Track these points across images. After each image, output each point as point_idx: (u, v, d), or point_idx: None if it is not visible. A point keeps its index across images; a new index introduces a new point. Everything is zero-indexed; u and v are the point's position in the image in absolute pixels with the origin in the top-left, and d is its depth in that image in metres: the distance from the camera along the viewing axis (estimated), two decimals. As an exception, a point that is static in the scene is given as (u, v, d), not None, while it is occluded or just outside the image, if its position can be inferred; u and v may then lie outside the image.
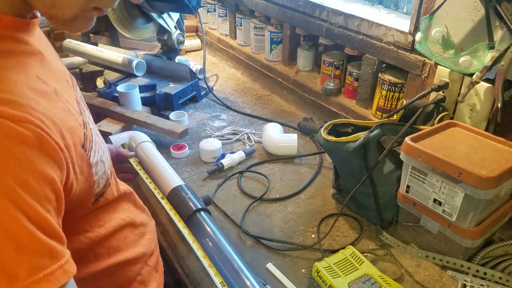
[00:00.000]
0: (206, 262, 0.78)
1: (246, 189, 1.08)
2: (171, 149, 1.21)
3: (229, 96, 1.57)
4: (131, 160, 1.08)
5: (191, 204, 0.92)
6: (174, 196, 0.96)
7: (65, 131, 0.48)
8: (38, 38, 0.54)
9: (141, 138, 1.17)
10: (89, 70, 1.54)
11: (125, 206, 0.74)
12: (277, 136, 1.23)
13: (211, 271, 0.76)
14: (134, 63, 1.45)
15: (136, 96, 1.35)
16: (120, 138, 1.19)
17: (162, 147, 1.21)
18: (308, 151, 1.24)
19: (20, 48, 0.50)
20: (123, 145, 1.16)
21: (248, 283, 0.74)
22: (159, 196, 0.96)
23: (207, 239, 0.84)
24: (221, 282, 0.74)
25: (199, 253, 0.80)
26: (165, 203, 0.94)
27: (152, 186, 1.00)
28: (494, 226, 0.83)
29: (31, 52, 0.51)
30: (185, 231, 0.86)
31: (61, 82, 0.57)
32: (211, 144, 1.19)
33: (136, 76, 1.48)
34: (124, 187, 0.76)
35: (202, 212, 0.91)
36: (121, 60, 1.48)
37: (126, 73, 1.50)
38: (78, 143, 0.52)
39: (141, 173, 1.04)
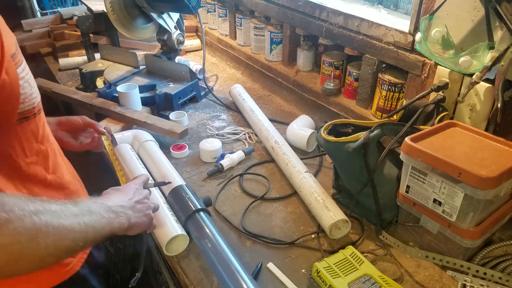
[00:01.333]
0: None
1: (246, 189, 1.08)
2: (171, 149, 1.21)
3: (229, 96, 1.56)
4: (103, 138, 1.05)
5: (190, 205, 0.92)
6: (174, 196, 0.96)
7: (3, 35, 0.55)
8: None
9: (145, 137, 1.17)
10: (89, 70, 1.54)
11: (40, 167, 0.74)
12: (296, 125, 1.27)
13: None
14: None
15: (136, 96, 1.35)
16: (124, 136, 1.19)
17: (162, 147, 1.21)
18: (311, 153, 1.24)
19: None
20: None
21: (245, 286, 0.74)
22: (121, 180, 0.97)
23: (206, 240, 0.84)
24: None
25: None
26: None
27: (120, 174, 1.00)
28: (494, 226, 0.83)
29: None
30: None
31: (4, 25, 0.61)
32: (211, 144, 1.19)
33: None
34: (48, 147, 0.75)
35: (201, 213, 0.91)
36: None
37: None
38: (9, 52, 0.57)
39: (111, 155, 1.04)
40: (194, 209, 0.91)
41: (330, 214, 0.90)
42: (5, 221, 0.49)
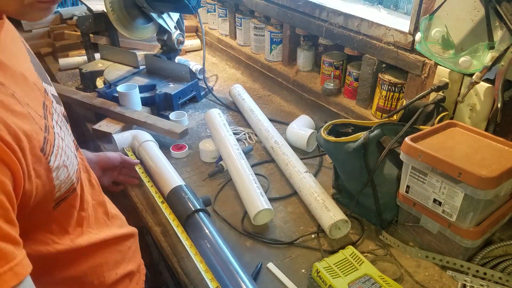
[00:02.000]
0: (202, 268, 0.78)
1: (246, 189, 1.08)
2: (171, 149, 1.21)
3: (229, 96, 1.56)
4: (137, 167, 1.08)
5: (190, 205, 0.92)
6: (174, 196, 0.96)
7: (21, 134, 0.49)
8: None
9: (144, 137, 1.17)
10: (89, 70, 1.54)
11: (102, 220, 0.73)
12: (296, 125, 1.27)
13: (207, 277, 0.76)
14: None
15: (136, 96, 1.35)
16: (123, 137, 1.19)
17: (162, 147, 1.21)
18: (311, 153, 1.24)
19: None
20: (126, 149, 1.16)
21: (244, 287, 0.74)
22: (159, 200, 0.97)
23: (205, 241, 0.84)
24: (217, 287, 0.74)
25: (195, 258, 0.80)
26: (164, 208, 0.94)
27: (153, 190, 1.00)
28: (494, 226, 0.83)
29: None
30: (182, 236, 0.86)
31: (24, 85, 0.56)
32: (210, 145, 1.19)
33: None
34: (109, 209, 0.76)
35: (201, 213, 0.91)
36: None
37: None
38: (37, 146, 0.52)
39: (143, 176, 1.05)
40: (193, 209, 0.91)
41: (330, 214, 0.90)
42: None
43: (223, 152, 1.12)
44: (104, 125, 1.28)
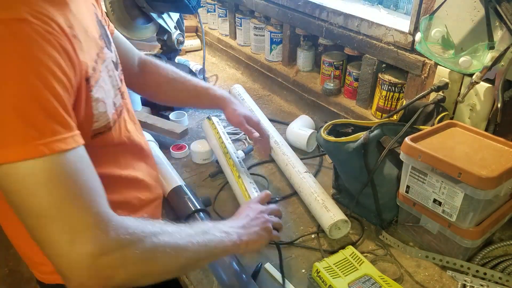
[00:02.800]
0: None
1: (246, 189, 1.08)
2: (171, 149, 1.21)
3: (229, 96, 1.56)
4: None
5: (190, 205, 0.92)
6: (174, 196, 0.96)
7: (80, 53, 0.59)
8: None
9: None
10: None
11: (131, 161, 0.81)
12: (296, 125, 1.26)
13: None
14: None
15: (136, 96, 1.35)
16: None
17: (162, 147, 1.21)
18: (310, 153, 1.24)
19: None
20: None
21: (243, 286, 0.74)
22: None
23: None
24: None
25: None
26: None
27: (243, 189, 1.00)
28: (494, 226, 0.83)
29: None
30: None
31: (84, 35, 0.63)
32: (202, 146, 1.18)
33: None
34: (140, 139, 0.85)
35: (201, 213, 0.91)
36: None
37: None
38: (84, 76, 0.61)
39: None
40: (193, 209, 0.91)
41: (330, 214, 0.90)
42: (128, 242, 0.55)
43: (220, 162, 1.11)
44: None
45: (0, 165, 0.49)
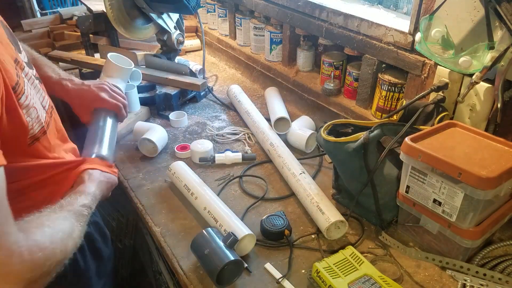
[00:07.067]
0: None
1: (246, 190, 1.08)
2: (175, 149, 1.21)
3: (229, 96, 1.56)
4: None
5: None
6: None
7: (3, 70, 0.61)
8: None
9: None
10: (89, 70, 1.54)
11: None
12: (296, 126, 1.26)
13: None
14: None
15: (135, 96, 1.35)
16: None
17: (166, 148, 1.21)
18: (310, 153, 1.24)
19: None
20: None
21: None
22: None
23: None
24: None
25: None
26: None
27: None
28: (494, 227, 0.83)
29: None
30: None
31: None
32: (202, 146, 1.18)
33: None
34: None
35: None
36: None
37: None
38: (11, 82, 0.62)
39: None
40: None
41: (324, 217, 0.90)
42: (43, 261, 0.58)
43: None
44: None
45: None
